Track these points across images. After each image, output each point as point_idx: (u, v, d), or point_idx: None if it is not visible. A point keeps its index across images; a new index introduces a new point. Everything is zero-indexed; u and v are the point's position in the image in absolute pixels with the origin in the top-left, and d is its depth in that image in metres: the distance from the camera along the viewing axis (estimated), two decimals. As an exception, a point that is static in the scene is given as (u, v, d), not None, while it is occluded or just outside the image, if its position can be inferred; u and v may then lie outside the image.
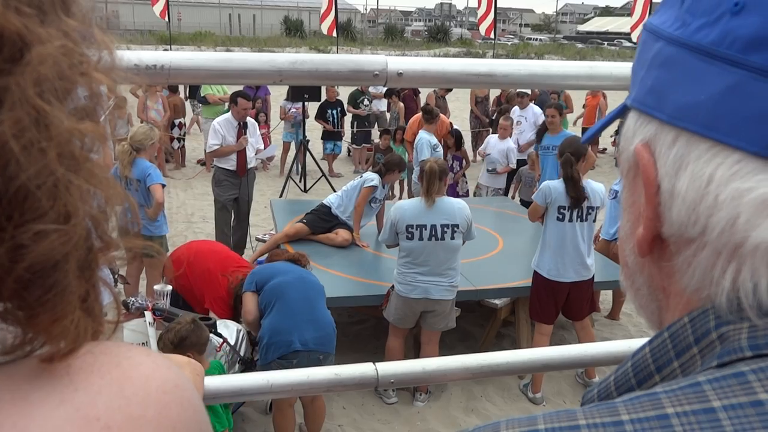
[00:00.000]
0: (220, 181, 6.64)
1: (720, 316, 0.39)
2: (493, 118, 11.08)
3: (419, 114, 8.64)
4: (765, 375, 0.35)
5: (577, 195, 4.22)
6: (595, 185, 4.38)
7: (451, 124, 8.68)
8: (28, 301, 0.37)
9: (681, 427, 0.34)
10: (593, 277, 4.50)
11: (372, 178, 5.77)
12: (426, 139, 7.28)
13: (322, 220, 5.75)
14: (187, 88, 12.98)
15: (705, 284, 0.40)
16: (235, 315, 4.26)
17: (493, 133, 11.23)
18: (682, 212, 0.40)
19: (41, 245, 0.36)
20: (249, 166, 6.68)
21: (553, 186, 4.30)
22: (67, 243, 0.37)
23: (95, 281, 0.41)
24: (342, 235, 5.66)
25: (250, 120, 6.82)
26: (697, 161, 0.39)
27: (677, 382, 0.37)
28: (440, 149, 7.44)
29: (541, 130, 7.27)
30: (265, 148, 11.47)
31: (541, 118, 9.04)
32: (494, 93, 12.96)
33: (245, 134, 6.59)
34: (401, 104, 11.80)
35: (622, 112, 0.50)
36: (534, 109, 9.33)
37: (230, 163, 6.57)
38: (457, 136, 8.40)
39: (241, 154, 6.56)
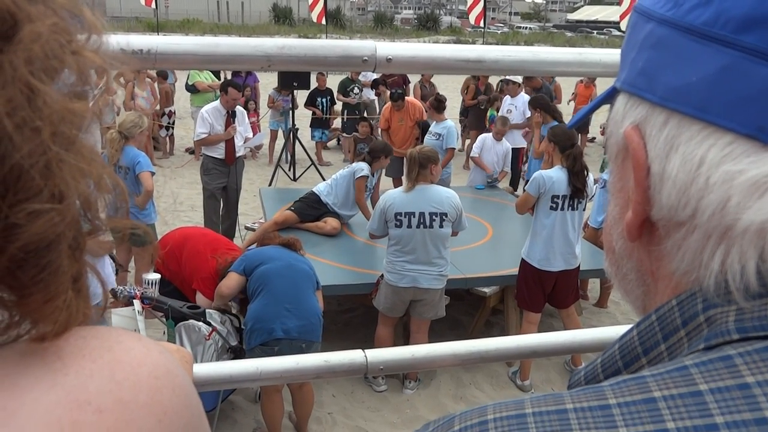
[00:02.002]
0: (208, 169, 6.61)
1: (707, 299, 0.38)
2: (483, 106, 10.98)
3: (389, 103, 8.58)
4: (751, 358, 0.35)
5: (583, 186, 4.25)
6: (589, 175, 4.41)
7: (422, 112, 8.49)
8: (21, 281, 0.37)
9: (668, 411, 0.34)
10: (579, 265, 4.53)
11: (362, 167, 5.77)
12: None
13: (311, 208, 5.74)
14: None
15: (694, 267, 0.40)
16: None
17: (468, 128, 11.14)
18: (672, 195, 0.40)
19: (36, 225, 0.36)
20: (238, 155, 6.66)
21: (547, 176, 4.31)
22: (61, 222, 0.37)
23: (84, 262, 0.41)
24: (331, 223, 5.65)
25: (238, 108, 6.79)
26: (688, 143, 0.39)
27: (664, 366, 0.37)
28: (428, 136, 7.44)
29: None
30: (254, 136, 11.44)
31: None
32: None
33: (234, 123, 6.57)
34: (389, 93, 11.74)
35: (610, 96, 0.49)
36: (524, 97, 9.30)
37: (219, 152, 6.55)
38: (424, 128, 8.09)
39: (230, 143, 6.54)
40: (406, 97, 8.62)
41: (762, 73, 0.36)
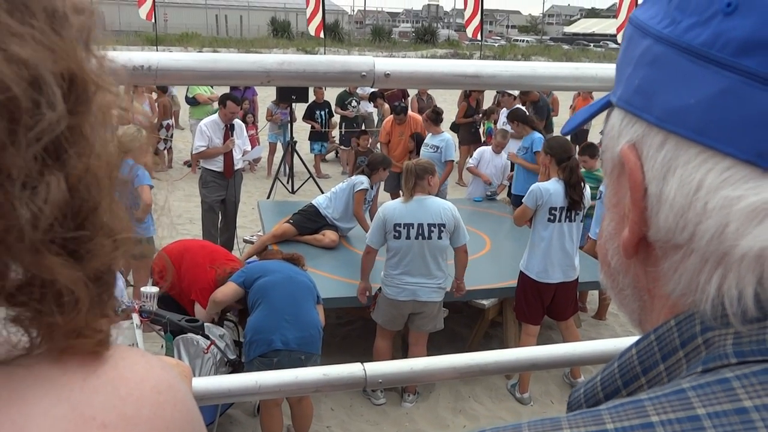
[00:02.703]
0: (206, 182, 6.63)
1: (704, 321, 0.38)
2: (479, 125, 10.99)
3: (391, 116, 8.46)
4: (749, 381, 0.34)
5: (580, 198, 4.26)
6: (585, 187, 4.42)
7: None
8: (97, 296, 0.42)
9: None
10: (578, 277, 4.53)
11: (362, 180, 5.79)
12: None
13: (309, 221, 5.74)
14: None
15: (690, 290, 0.39)
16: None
17: (459, 143, 11.13)
18: (670, 218, 0.39)
19: (103, 254, 0.42)
20: (236, 168, 6.68)
21: (545, 188, 4.32)
22: (117, 251, 0.43)
23: None
24: (329, 236, 5.65)
25: (237, 122, 6.81)
26: (685, 166, 0.38)
27: (662, 389, 0.37)
28: (424, 149, 7.45)
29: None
30: (252, 149, 11.44)
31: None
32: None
33: (232, 136, 6.58)
34: (387, 106, 11.76)
35: (605, 107, 0.48)
36: (520, 109, 9.33)
37: (217, 165, 6.56)
38: (418, 141, 7.97)
39: (228, 156, 6.55)
40: (408, 112, 8.54)
41: (762, 98, 0.35)
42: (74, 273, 0.39)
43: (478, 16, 17.64)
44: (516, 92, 9.25)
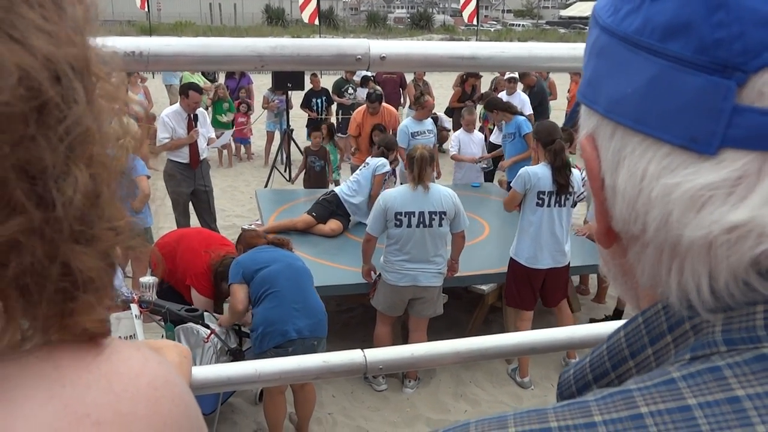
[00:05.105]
0: (172, 175, 6.42)
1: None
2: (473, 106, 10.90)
3: (363, 107, 7.93)
4: (741, 370, 0.34)
5: (565, 181, 4.24)
6: (573, 171, 4.40)
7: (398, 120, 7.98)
8: (97, 285, 0.42)
9: (655, 428, 0.33)
10: (569, 263, 4.52)
11: (383, 164, 5.74)
12: (404, 126, 7.16)
13: (329, 213, 5.68)
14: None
15: (657, 282, 0.39)
16: (216, 293, 4.24)
17: (454, 128, 11.03)
18: (624, 209, 0.39)
19: (105, 240, 0.42)
20: (201, 157, 6.49)
21: (533, 172, 4.30)
22: (117, 237, 0.43)
23: None
24: (330, 224, 5.63)
25: (200, 111, 6.60)
26: (631, 156, 0.38)
27: (651, 377, 0.36)
28: (421, 136, 7.35)
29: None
30: (249, 139, 11.39)
31: (528, 106, 9.00)
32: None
33: (196, 126, 6.40)
34: (366, 93, 11.59)
35: None
36: (521, 95, 9.27)
37: (182, 156, 6.37)
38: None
39: (193, 146, 6.36)
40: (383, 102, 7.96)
41: (688, 81, 0.35)
42: (96, 261, 0.40)
43: (474, 1, 17.53)
44: (517, 77, 9.21)
